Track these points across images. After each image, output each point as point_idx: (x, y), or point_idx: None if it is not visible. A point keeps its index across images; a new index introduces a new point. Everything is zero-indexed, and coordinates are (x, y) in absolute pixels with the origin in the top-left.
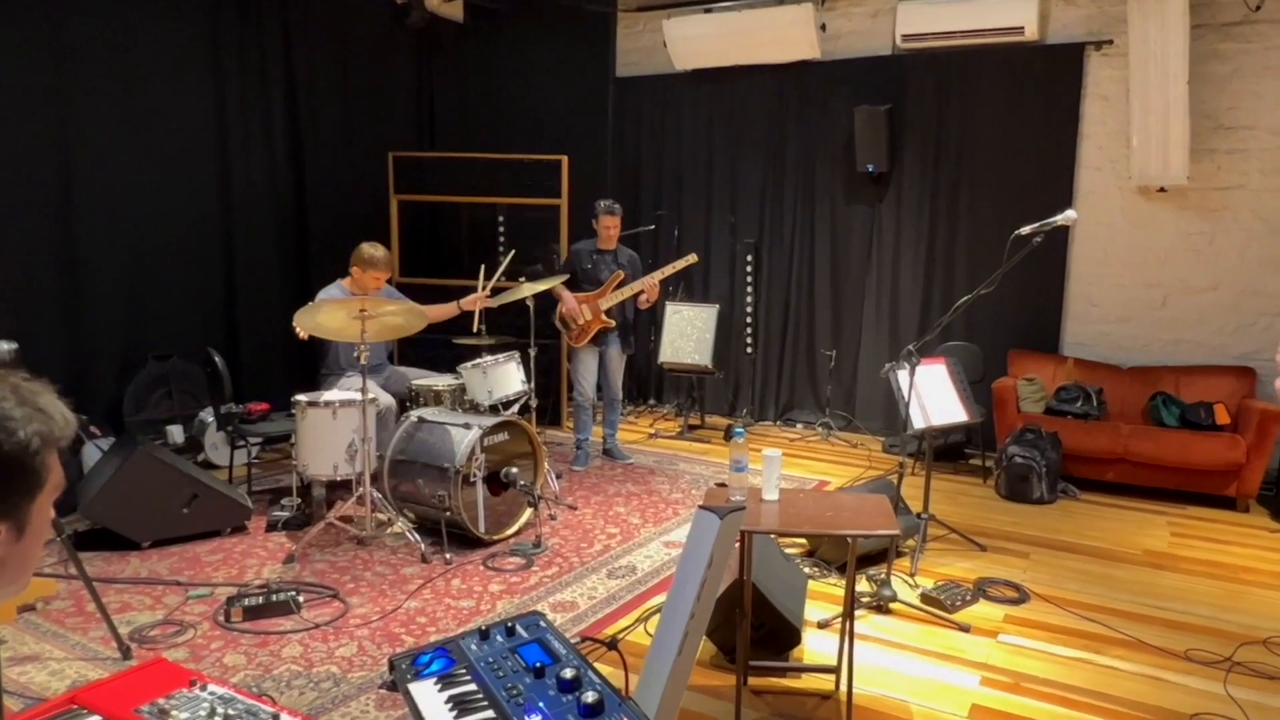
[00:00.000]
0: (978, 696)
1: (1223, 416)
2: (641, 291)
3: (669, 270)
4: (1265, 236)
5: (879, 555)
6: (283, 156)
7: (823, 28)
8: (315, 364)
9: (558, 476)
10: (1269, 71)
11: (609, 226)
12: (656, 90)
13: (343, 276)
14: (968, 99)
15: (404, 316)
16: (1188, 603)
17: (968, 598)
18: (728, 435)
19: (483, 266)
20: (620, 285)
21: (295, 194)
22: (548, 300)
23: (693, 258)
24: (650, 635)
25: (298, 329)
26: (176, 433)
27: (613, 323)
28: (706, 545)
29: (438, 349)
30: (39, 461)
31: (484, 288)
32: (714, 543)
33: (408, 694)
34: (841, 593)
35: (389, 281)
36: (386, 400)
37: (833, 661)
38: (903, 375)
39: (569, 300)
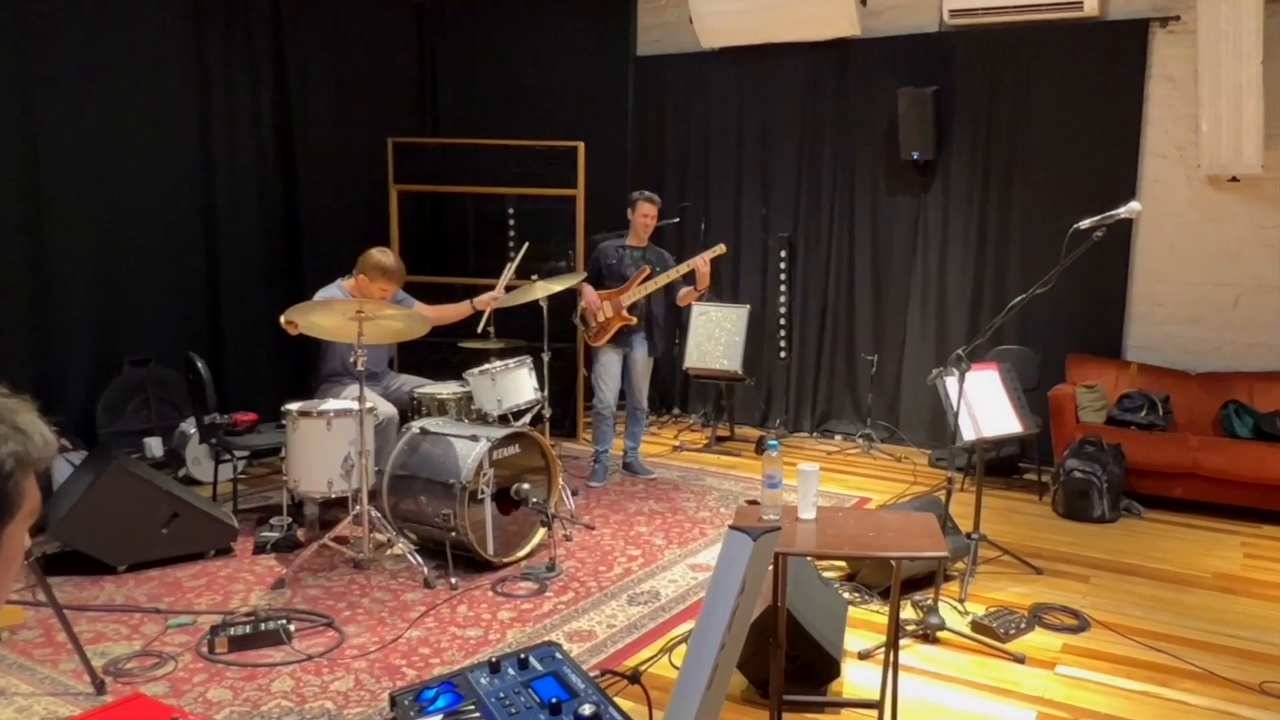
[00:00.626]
0: None
1: None
2: (680, 284)
3: (703, 260)
4: None
5: (925, 579)
6: (271, 143)
7: (863, 2)
8: (307, 370)
9: (573, 493)
10: None
11: (647, 215)
12: (681, 70)
13: (344, 276)
14: (1021, 80)
15: (404, 321)
16: (1262, 631)
17: (1022, 626)
18: (760, 448)
19: (510, 263)
20: (647, 280)
21: (285, 184)
22: (563, 300)
23: (721, 248)
24: (676, 667)
25: (286, 323)
26: (155, 445)
27: (634, 320)
28: (738, 569)
29: (442, 354)
30: (13, 485)
31: (501, 285)
32: (746, 566)
33: None
34: (884, 620)
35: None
36: (386, 410)
37: (875, 696)
38: (951, 382)
39: (589, 294)
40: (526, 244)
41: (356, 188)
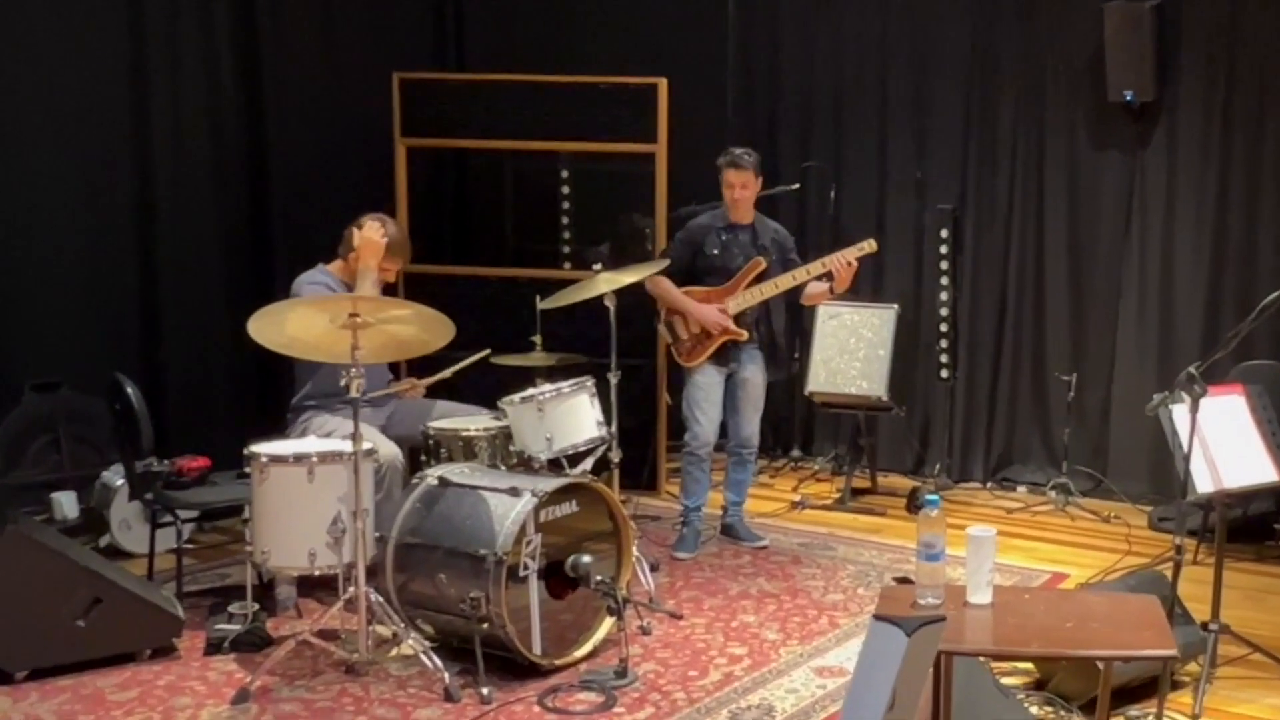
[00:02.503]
0: None
1: None
2: (817, 282)
3: (844, 261)
4: None
5: (1145, 688)
6: (231, 85)
7: None
8: (280, 396)
9: (653, 568)
10: None
11: (735, 186)
12: None
13: (328, 260)
14: None
15: (418, 325)
16: None
17: None
18: (913, 505)
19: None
20: (761, 277)
21: (250, 141)
22: (638, 299)
23: (870, 245)
24: None
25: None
26: (67, 503)
27: (744, 334)
28: (885, 674)
29: (468, 370)
30: None
31: (436, 378)
32: (897, 671)
33: None
34: None
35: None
36: (388, 452)
37: None
38: (1180, 412)
39: (671, 294)
40: (489, 350)
41: (349, 144)
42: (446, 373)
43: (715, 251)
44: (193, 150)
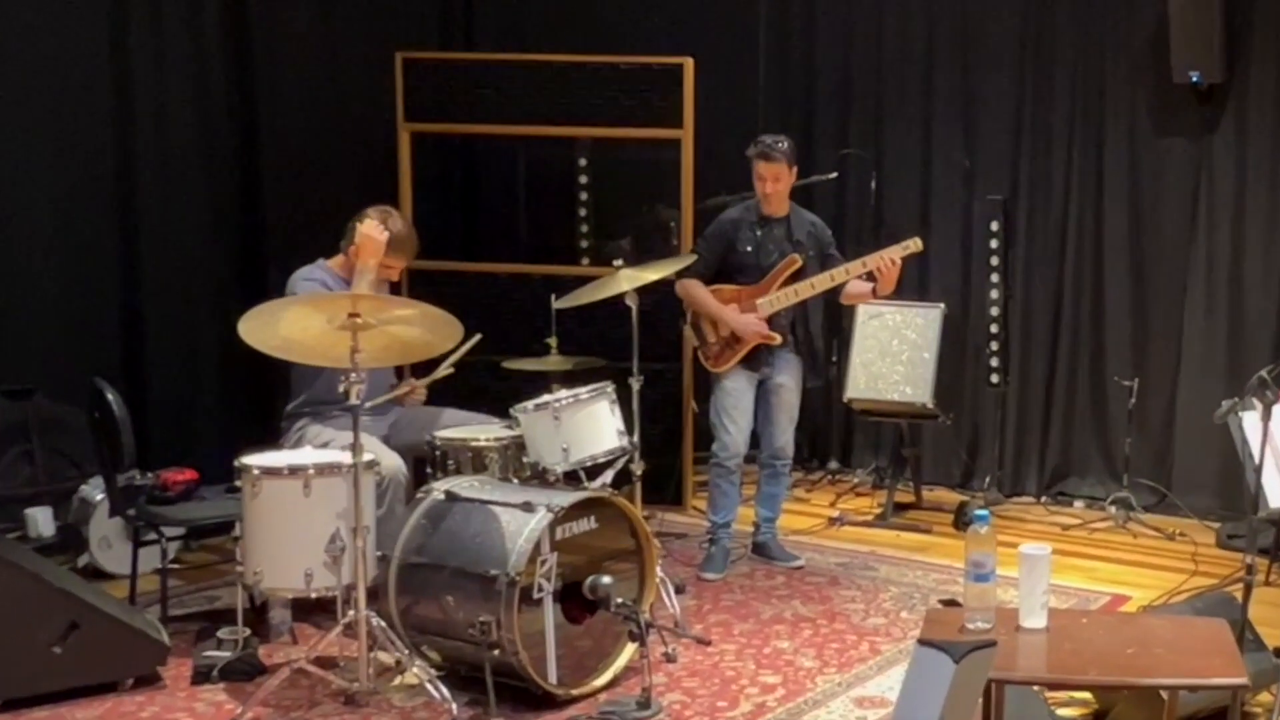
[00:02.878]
0: None
1: None
2: (858, 281)
3: (888, 260)
4: None
5: (1213, 719)
6: (219, 67)
7: None
8: (274, 403)
9: (679, 590)
10: None
11: (766, 179)
12: None
13: (329, 255)
14: None
15: (423, 326)
16: None
17: None
18: (961, 521)
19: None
20: (798, 275)
21: (240, 129)
22: (663, 298)
23: (915, 244)
24: None
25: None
26: (42, 519)
27: (777, 337)
28: (931, 705)
29: (478, 377)
30: None
31: (440, 371)
32: (943, 700)
33: None
34: None
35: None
36: (391, 463)
37: None
38: (1251, 420)
39: (704, 301)
40: (479, 335)
41: (348, 130)
42: (444, 368)
43: (748, 248)
44: (178, 136)
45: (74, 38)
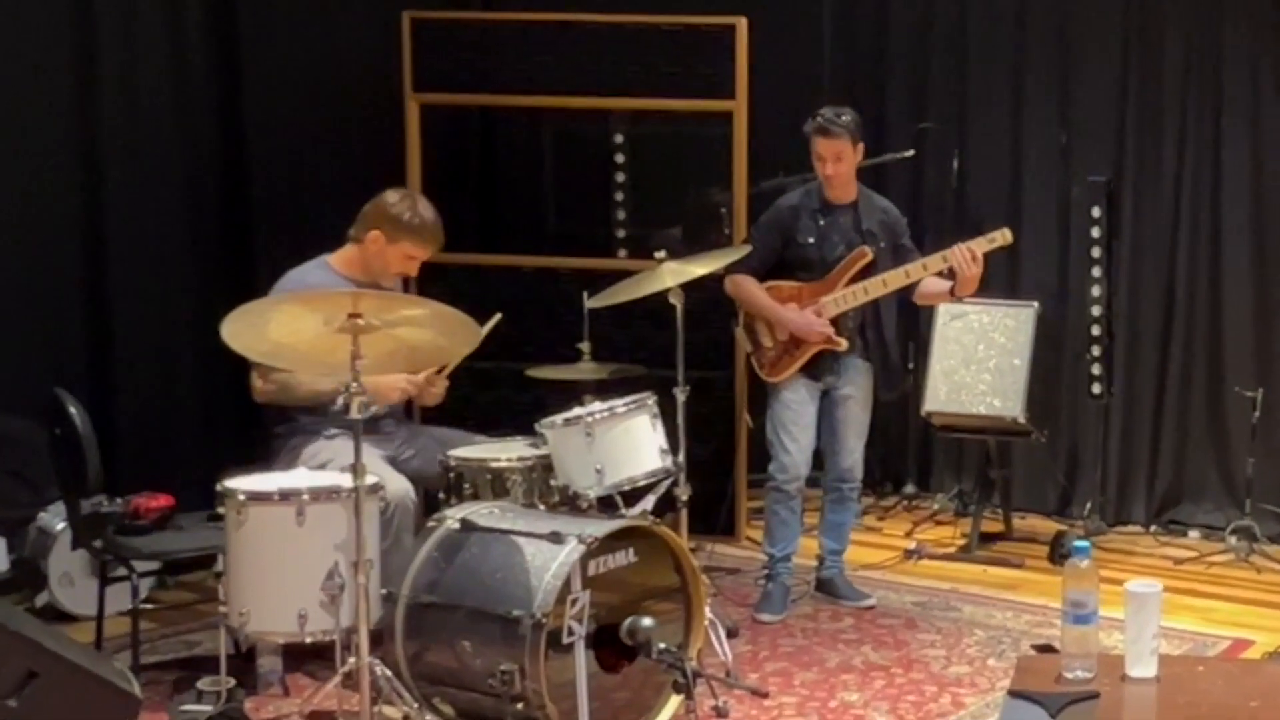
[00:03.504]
0: None
1: None
2: (935, 278)
3: (970, 255)
4: None
5: None
6: (197, 31)
7: None
8: (262, 417)
9: (731, 634)
10: None
11: (826, 159)
12: None
13: (330, 250)
14: None
15: (435, 329)
16: None
17: None
18: (1058, 554)
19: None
20: (867, 270)
21: (223, 101)
22: (711, 296)
23: (1004, 235)
24: None
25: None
26: None
27: (843, 342)
28: None
29: (498, 386)
30: None
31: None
32: None
33: None
34: None
35: None
36: (398, 488)
37: None
38: None
39: (757, 300)
40: (499, 315)
41: (347, 102)
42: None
43: (810, 239)
44: (149, 108)
45: (31, 10)
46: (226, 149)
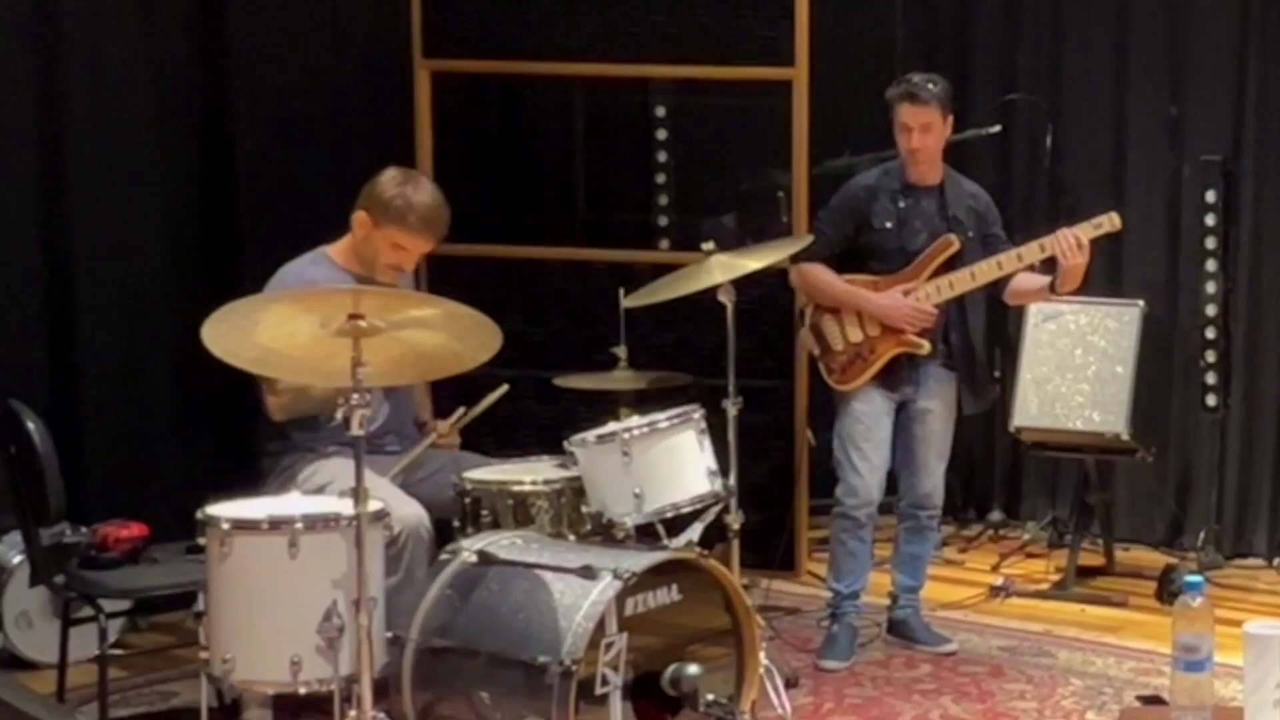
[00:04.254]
0: None
1: None
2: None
3: (1074, 242)
4: None
5: None
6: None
7: None
8: (250, 433)
9: (790, 684)
10: None
11: (914, 131)
12: None
13: (329, 240)
14: None
15: (448, 332)
16: None
17: None
18: (1167, 591)
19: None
20: (953, 262)
21: (204, 70)
22: (769, 293)
23: (1111, 220)
24: None
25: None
26: None
27: (924, 345)
28: None
29: (520, 398)
30: None
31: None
32: None
33: None
34: None
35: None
36: (409, 514)
37: None
38: None
39: (829, 285)
40: (505, 386)
41: (348, 71)
42: (464, 416)
43: (888, 225)
44: (121, 81)
45: None
46: (207, 123)
